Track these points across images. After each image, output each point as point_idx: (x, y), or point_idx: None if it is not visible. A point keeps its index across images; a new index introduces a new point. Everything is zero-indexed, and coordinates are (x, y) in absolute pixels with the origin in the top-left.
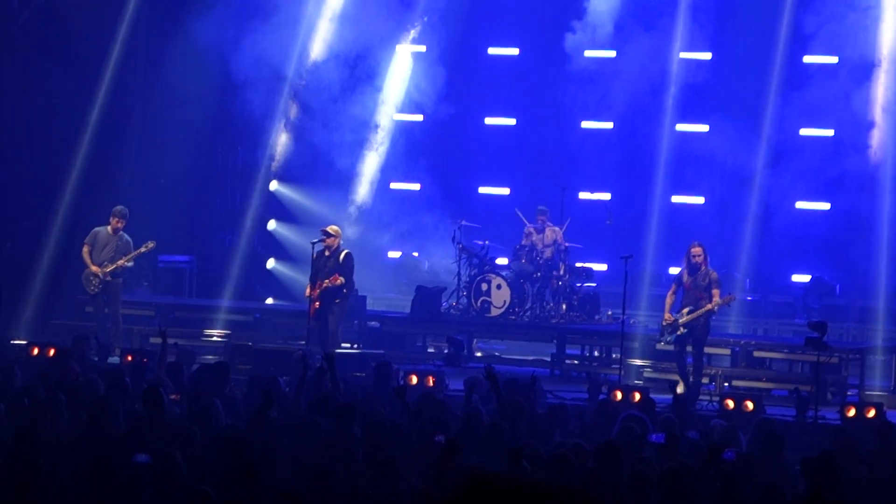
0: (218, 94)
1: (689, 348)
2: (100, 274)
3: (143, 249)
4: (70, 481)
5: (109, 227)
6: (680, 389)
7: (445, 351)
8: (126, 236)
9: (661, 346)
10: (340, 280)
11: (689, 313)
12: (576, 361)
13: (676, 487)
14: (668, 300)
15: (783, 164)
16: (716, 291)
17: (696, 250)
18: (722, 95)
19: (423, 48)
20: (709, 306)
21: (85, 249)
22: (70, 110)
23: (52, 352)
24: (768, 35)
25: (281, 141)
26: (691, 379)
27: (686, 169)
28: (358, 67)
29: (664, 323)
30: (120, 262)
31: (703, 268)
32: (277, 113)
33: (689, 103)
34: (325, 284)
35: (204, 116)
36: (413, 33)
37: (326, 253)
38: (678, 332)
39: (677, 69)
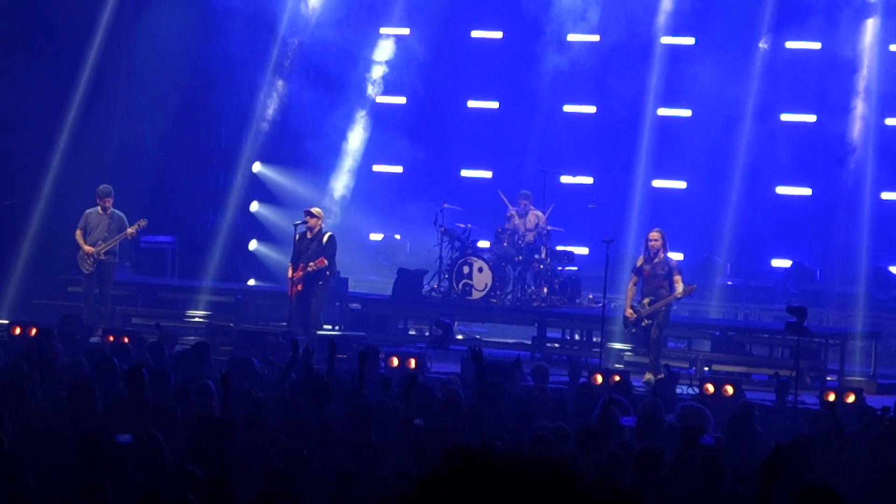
0: (202, 74)
1: (652, 333)
2: (94, 253)
3: (135, 227)
4: (54, 460)
5: (99, 208)
6: (649, 377)
7: (428, 333)
8: (118, 213)
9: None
10: (325, 262)
11: (650, 304)
12: (556, 345)
13: (650, 469)
14: (630, 292)
15: (764, 148)
16: (677, 278)
17: (654, 235)
18: (704, 80)
19: (406, 31)
20: (671, 296)
21: (78, 233)
22: (51, 89)
23: (33, 331)
24: (751, 19)
25: (264, 122)
26: (650, 359)
27: (668, 153)
28: (341, 50)
29: (627, 317)
30: (114, 241)
31: (660, 255)
32: (261, 95)
33: (671, 88)
34: (310, 267)
35: (188, 96)
36: (395, 16)
37: (309, 235)
38: (643, 324)
39: (660, 53)
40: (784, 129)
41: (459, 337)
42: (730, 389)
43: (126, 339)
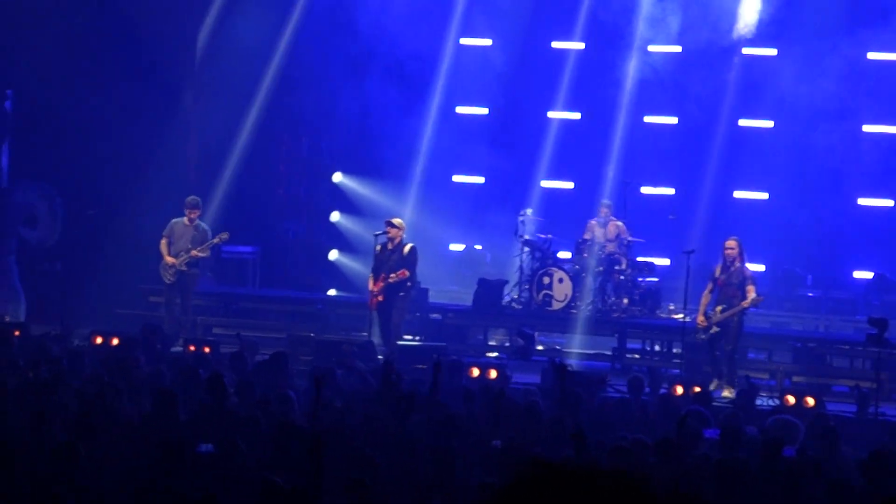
0: (282, 85)
1: (724, 344)
2: (175, 264)
3: (216, 241)
4: (135, 468)
5: (185, 219)
6: (728, 393)
7: (508, 344)
8: (203, 225)
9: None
10: (406, 273)
11: (722, 312)
12: (637, 356)
13: (731, 481)
14: (704, 299)
15: (846, 159)
16: (750, 288)
17: (730, 243)
18: (786, 90)
19: (488, 41)
20: (740, 306)
21: (163, 242)
22: (133, 97)
23: (115, 341)
24: (833, 28)
25: (346, 131)
26: (725, 376)
27: (749, 164)
28: (422, 61)
29: (699, 325)
30: (194, 253)
31: (736, 263)
32: (342, 104)
33: (752, 98)
34: (391, 279)
35: (268, 107)
36: (477, 27)
37: (390, 246)
38: (711, 332)
39: (741, 63)
40: (866, 140)
41: (540, 348)
42: (810, 401)
43: (207, 349)
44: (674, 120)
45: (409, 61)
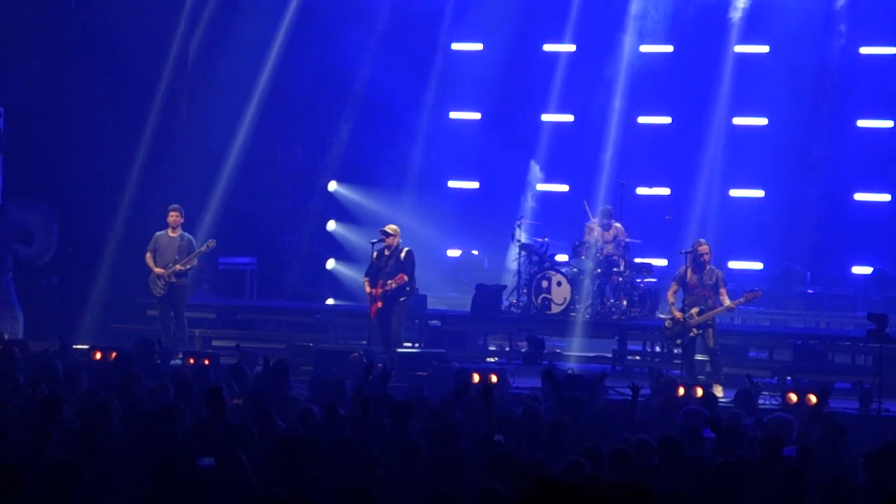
0: (276, 93)
1: (708, 344)
2: (164, 275)
3: (203, 249)
4: (135, 483)
5: (168, 230)
6: (719, 392)
7: (508, 349)
8: (187, 235)
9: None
10: (405, 278)
11: (699, 314)
12: (637, 357)
13: (732, 481)
14: (671, 299)
15: (841, 155)
16: (723, 290)
17: (704, 248)
18: (778, 88)
19: (479, 46)
20: (724, 307)
21: (148, 255)
22: (126, 108)
23: (113, 356)
24: (823, 25)
25: (340, 141)
26: (712, 370)
27: (745, 163)
28: (414, 67)
29: (675, 320)
30: (181, 265)
31: (708, 266)
32: (337, 112)
33: (745, 96)
34: (389, 285)
35: (261, 117)
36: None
37: (386, 252)
38: (690, 335)
39: (733, 61)
40: (861, 136)
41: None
42: (813, 398)
43: (206, 362)
44: (667, 120)
45: (400, 69)
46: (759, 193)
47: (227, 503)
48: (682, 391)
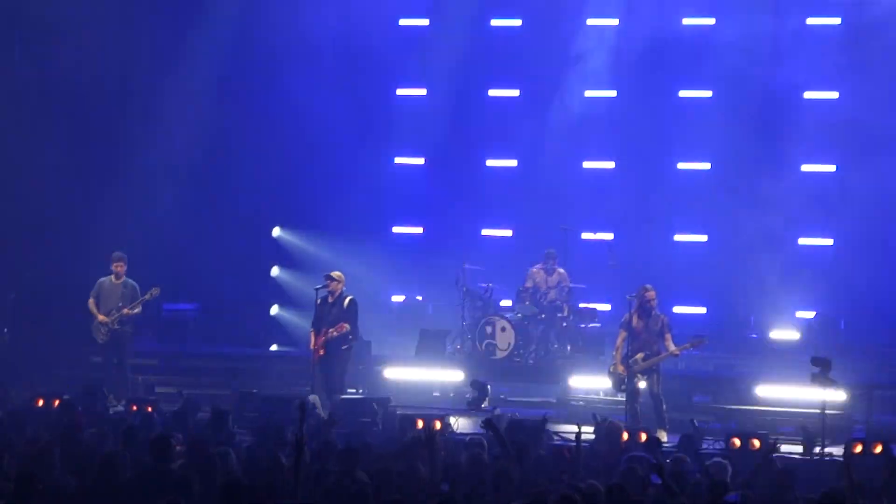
0: (219, 136)
1: (653, 390)
2: (108, 322)
3: (147, 297)
4: None
5: (112, 276)
6: (663, 437)
7: (452, 395)
8: (131, 282)
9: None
10: (346, 327)
11: (644, 360)
12: (581, 403)
13: None
14: (619, 348)
15: (785, 199)
16: (668, 336)
17: (651, 294)
18: (721, 133)
19: (423, 91)
20: (668, 353)
21: (90, 302)
22: (66, 149)
23: (56, 403)
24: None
25: (284, 185)
26: (655, 415)
27: (689, 207)
28: (358, 113)
29: (618, 373)
30: (126, 311)
31: (654, 312)
32: (280, 156)
33: (691, 140)
34: (331, 333)
35: (205, 159)
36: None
37: (330, 299)
38: (636, 381)
39: (676, 106)
40: (805, 179)
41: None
42: (756, 443)
43: (150, 409)
44: (611, 164)
45: (344, 111)
46: (703, 238)
47: None
48: (625, 436)
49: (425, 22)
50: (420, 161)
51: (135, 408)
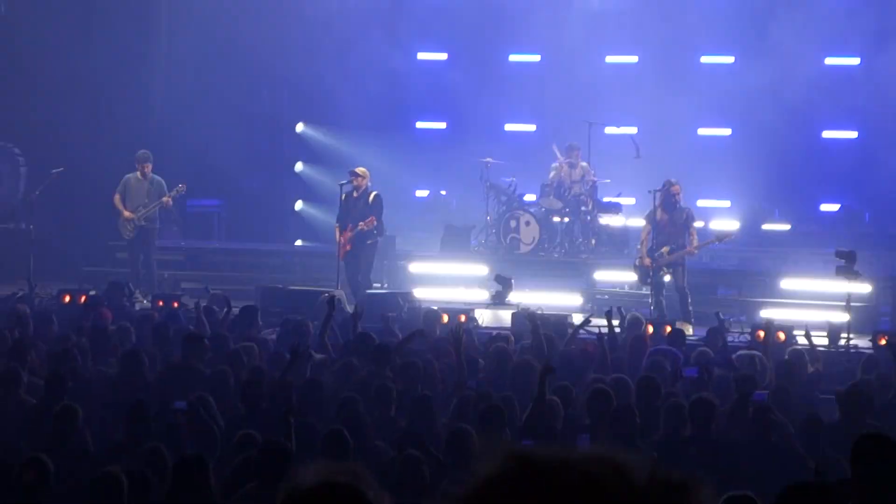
0: (242, 36)
1: (678, 283)
2: (133, 219)
3: (174, 193)
4: (106, 425)
5: (138, 173)
6: (689, 330)
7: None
8: (157, 178)
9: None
10: (374, 222)
11: (670, 253)
12: (606, 296)
13: (703, 420)
14: (645, 240)
15: (809, 94)
16: (693, 229)
17: (676, 188)
18: (746, 25)
19: None
20: (693, 247)
21: (116, 197)
22: (93, 52)
23: (83, 299)
24: None
25: (307, 82)
26: (682, 308)
27: (712, 101)
28: (381, 7)
29: (644, 266)
30: (153, 207)
31: (679, 205)
32: (301, 53)
33: (714, 35)
34: (360, 227)
35: (228, 58)
36: None
37: (355, 194)
38: (661, 274)
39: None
40: (829, 73)
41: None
42: (782, 336)
43: (175, 304)
44: (634, 59)
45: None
46: (726, 132)
47: (198, 445)
48: (650, 329)
49: None
50: (443, 56)
51: (161, 303)
